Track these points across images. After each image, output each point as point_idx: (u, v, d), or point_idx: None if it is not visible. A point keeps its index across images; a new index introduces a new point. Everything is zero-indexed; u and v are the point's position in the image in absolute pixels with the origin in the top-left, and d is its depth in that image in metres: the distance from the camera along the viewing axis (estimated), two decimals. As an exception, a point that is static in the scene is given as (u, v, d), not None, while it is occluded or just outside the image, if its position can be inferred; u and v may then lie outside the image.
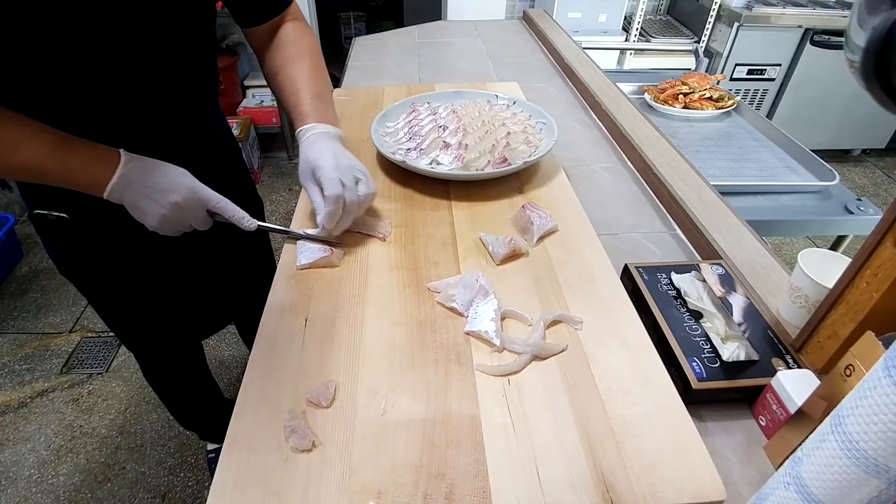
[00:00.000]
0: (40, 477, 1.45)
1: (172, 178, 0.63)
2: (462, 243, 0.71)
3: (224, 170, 0.88)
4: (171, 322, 0.98)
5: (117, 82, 0.63)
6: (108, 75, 0.61)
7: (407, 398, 0.51)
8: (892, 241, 0.47)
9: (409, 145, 0.85)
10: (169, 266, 0.86)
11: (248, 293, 0.67)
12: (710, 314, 0.61)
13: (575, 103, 1.28)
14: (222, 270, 0.96)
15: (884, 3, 0.28)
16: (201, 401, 1.26)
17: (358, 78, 1.41)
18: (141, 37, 0.61)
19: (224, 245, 0.91)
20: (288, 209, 2.52)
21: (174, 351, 1.09)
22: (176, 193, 0.63)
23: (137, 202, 0.63)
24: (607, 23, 2.56)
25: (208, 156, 0.81)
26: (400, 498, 0.44)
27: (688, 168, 0.95)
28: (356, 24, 3.90)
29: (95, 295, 0.88)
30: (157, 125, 0.70)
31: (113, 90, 0.63)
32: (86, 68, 0.59)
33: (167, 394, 1.20)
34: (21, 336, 1.85)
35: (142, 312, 0.92)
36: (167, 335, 1.02)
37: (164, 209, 0.63)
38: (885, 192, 2.68)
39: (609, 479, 0.45)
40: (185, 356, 1.14)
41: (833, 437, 0.34)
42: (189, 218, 0.65)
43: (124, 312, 0.92)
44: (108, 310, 0.92)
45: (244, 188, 0.96)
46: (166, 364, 1.11)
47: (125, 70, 0.62)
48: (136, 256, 0.82)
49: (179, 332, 1.04)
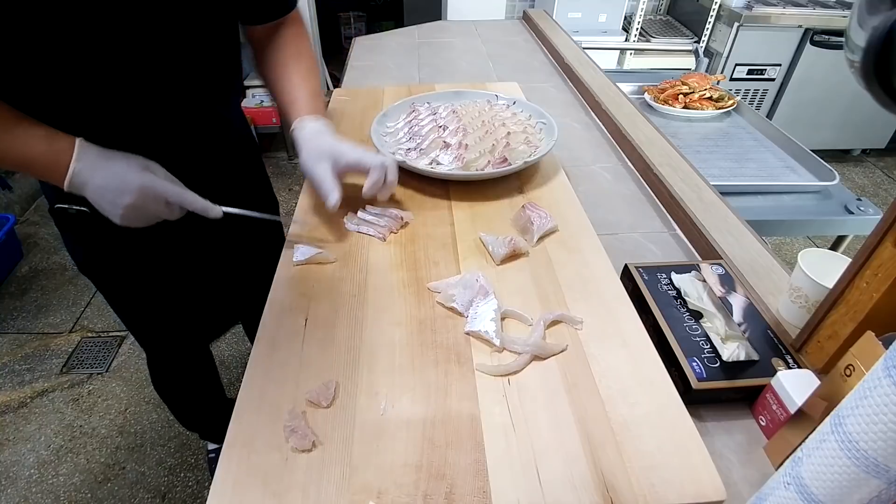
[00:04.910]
0: (40, 477, 1.45)
1: (122, 176, 0.61)
2: (462, 243, 0.71)
3: (241, 166, 0.89)
4: (187, 319, 0.99)
5: (138, 73, 0.63)
6: (128, 65, 0.61)
7: (407, 398, 0.51)
8: (892, 241, 0.47)
9: (409, 145, 0.85)
10: (187, 260, 0.87)
11: (259, 288, 0.67)
12: (710, 314, 0.61)
13: (575, 103, 1.28)
14: (239, 263, 0.97)
15: (884, 3, 0.28)
16: (207, 402, 1.26)
17: (358, 78, 1.41)
18: (162, 26, 0.61)
19: (241, 238, 0.92)
20: (288, 209, 2.52)
21: (188, 350, 1.10)
22: (127, 194, 0.61)
23: (96, 201, 0.63)
24: (607, 23, 2.56)
25: (227, 150, 0.82)
26: (400, 498, 0.44)
27: (688, 168, 0.95)
28: (356, 24, 3.90)
29: (115, 292, 0.88)
30: (177, 117, 0.70)
31: (133, 80, 0.63)
32: (105, 58, 0.59)
33: (173, 395, 1.20)
34: (21, 336, 1.85)
35: (159, 309, 0.92)
36: (183, 332, 1.02)
37: (119, 209, 0.62)
38: (885, 192, 2.68)
39: (609, 479, 0.45)
40: (197, 356, 1.15)
41: (833, 437, 0.34)
42: (151, 213, 0.64)
43: (143, 310, 0.92)
44: (126, 308, 0.92)
45: (260, 187, 0.96)
46: (178, 363, 1.11)
47: (145, 60, 0.62)
48: (155, 251, 0.82)
49: (194, 329, 1.04)
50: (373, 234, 0.72)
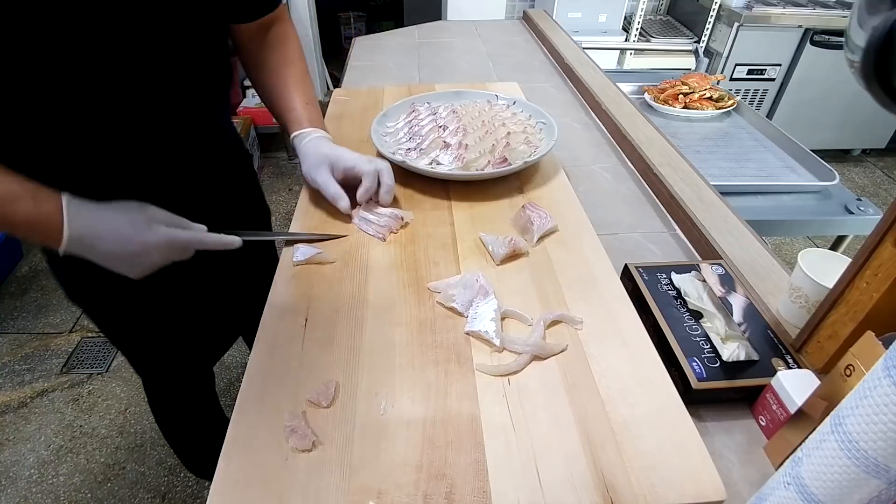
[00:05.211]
0: (40, 477, 1.45)
1: (133, 238, 0.58)
2: (462, 243, 0.71)
3: (234, 178, 0.86)
4: (187, 343, 0.94)
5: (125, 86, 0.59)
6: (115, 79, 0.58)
7: (407, 398, 0.51)
8: (892, 241, 0.47)
9: (409, 145, 0.85)
10: (183, 281, 0.82)
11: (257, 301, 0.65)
12: (710, 314, 0.61)
13: (575, 103, 1.28)
14: (235, 281, 0.93)
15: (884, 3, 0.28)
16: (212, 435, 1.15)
17: (358, 78, 1.41)
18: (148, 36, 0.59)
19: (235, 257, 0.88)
20: (288, 209, 2.52)
21: (188, 378, 1.05)
22: (145, 256, 0.59)
23: (106, 265, 0.59)
24: (607, 23, 2.56)
25: (220, 162, 0.80)
26: (400, 498, 0.44)
27: (688, 168, 0.95)
28: (356, 24, 3.90)
29: (108, 321, 0.84)
30: (168, 129, 0.68)
31: (121, 94, 0.60)
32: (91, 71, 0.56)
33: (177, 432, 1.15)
34: (21, 336, 1.85)
35: (157, 336, 0.88)
36: (182, 358, 0.98)
37: (136, 269, 0.61)
38: (885, 192, 2.68)
39: (609, 479, 0.45)
40: (199, 384, 1.09)
41: (833, 437, 0.34)
42: (168, 261, 0.63)
43: (138, 337, 0.88)
44: (121, 336, 0.87)
45: (253, 197, 0.94)
46: (179, 393, 1.06)
47: (133, 74, 0.59)
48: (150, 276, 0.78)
49: (194, 353, 0.99)
50: (373, 233, 0.72)
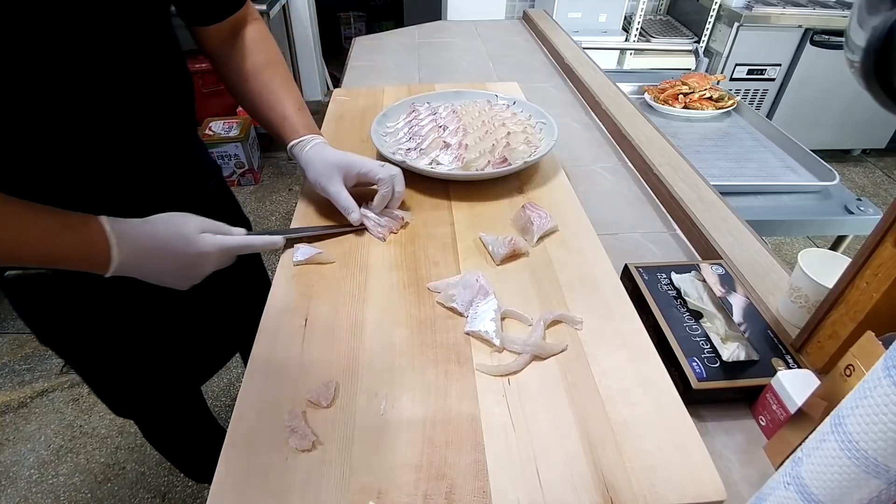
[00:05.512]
0: (40, 477, 1.45)
1: (186, 251, 0.58)
2: (462, 243, 0.71)
3: (207, 194, 0.80)
4: (173, 373, 0.89)
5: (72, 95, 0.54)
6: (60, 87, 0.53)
7: (407, 398, 0.51)
8: (892, 241, 0.47)
9: (409, 145, 0.85)
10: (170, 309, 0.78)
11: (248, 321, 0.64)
12: (710, 314, 0.61)
13: (575, 103, 1.28)
14: (222, 303, 0.88)
15: (884, 3, 0.28)
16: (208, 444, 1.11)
17: (358, 78, 1.41)
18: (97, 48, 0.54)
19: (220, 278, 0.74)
20: (288, 209, 2.52)
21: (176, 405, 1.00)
22: (199, 267, 0.60)
23: (154, 280, 0.60)
24: (607, 23, 2.57)
25: (191, 179, 0.76)
26: (400, 498, 0.44)
27: (688, 168, 0.95)
28: (356, 24, 3.91)
29: (83, 362, 0.79)
30: (133, 149, 0.63)
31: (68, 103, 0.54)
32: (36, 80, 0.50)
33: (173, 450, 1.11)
34: (21, 336, 1.85)
35: (140, 370, 0.82)
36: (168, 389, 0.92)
37: (188, 281, 0.61)
38: (885, 192, 2.68)
39: (609, 479, 0.45)
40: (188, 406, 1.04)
41: (833, 437, 0.34)
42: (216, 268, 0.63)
43: (118, 376, 0.82)
44: (98, 377, 0.82)
45: (230, 211, 0.88)
46: (169, 421, 1.02)
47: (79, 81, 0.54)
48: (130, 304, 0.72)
49: (181, 381, 0.94)
50: (373, 233, 0.72)
